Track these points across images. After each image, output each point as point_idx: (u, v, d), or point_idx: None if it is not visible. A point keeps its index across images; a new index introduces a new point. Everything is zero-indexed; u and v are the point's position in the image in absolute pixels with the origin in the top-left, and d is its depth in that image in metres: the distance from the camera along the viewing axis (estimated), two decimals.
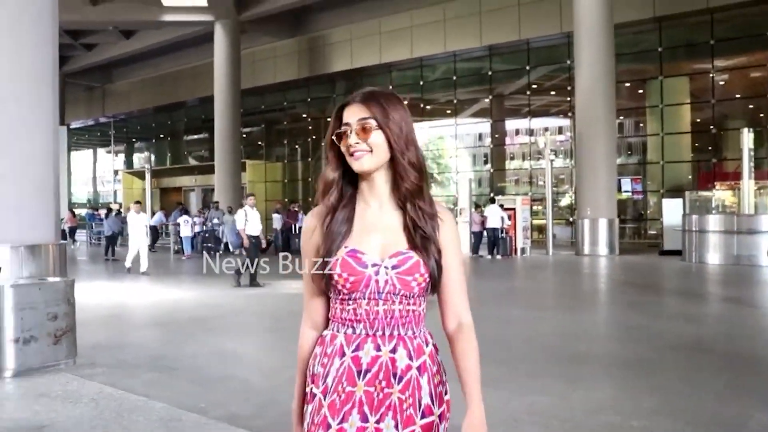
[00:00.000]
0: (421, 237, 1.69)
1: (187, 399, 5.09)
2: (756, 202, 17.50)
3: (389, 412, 1.66)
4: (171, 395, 5.19)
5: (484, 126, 28.88)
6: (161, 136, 41.10)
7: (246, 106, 30.62)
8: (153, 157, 31.49)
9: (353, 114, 1.70)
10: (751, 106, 23.41)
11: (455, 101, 28.49)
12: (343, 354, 1.69)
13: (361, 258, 1.69)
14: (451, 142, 29.71)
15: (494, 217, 18.70)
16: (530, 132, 27.13)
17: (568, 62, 22.92)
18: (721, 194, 19.73)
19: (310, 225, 1.79)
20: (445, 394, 1.75)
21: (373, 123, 1.68)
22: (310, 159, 33.50)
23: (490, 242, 18.96)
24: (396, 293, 1.68)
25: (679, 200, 19.41)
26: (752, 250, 15.79)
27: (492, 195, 22.88)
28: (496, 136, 28.52)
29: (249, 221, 12.39)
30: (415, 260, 1.68)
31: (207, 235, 22.74)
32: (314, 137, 33.31)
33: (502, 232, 18.85)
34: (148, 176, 24.49)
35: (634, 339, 7.56)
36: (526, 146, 27.52)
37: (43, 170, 6.54)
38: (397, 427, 1.65)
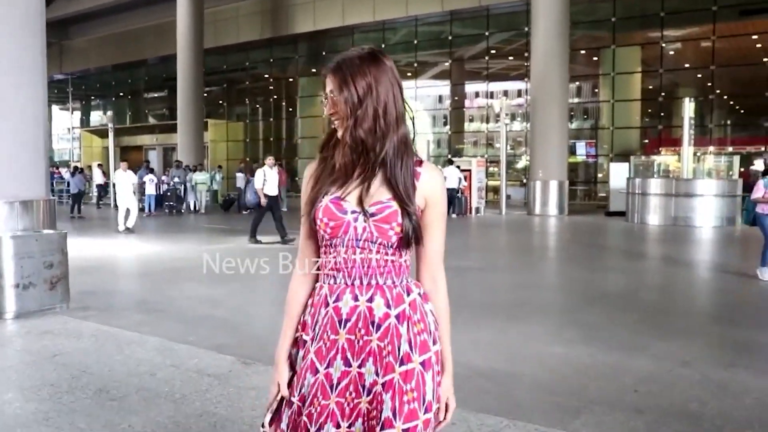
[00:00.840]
0: (404, 188, 1.76)
1: (175, 334, 5.82)
2: (695, 167, 18.68)
3: (369, 357, 1.74)
4: (161, 332, 5.92)
5: (444, 88, 29.61)
6: (121, 94, 40.89)
7: (208, 66, 30.74)
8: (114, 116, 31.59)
9: (327, 85, 1.80)
10: (699, 76, 24.51)
11: (416, 64, 29.10)
12: (327, 304, 1.78)
13: (342, 205, 1.76)
14: (411, 104, 30.22)
15: (452, 177, 19.54)
16: (489, 95, 27.97)
17: (526, 29, 23.63)
18: (662, 159, 20.86)
19: (307, 174, 1.90)
20: (434, 343, 1.79)
21: (336, 96, 1.76)
22: (271, 119, 33.87)
23: (447, 202, 19.79)
24: (373, 241, 1.75)
25: (626, 164, 20.50)
26: (688, 211, 16.98)
27: (449, 156, 23.70)
28: (456, 98, 29.29)
29: (267, 181, 12.67)
30: (393, 209, 1.74)
31: (168, 193, 23.08)
32: (275, 97, 33.67)
33: (458, 192, 19.76)
34: (111, 135, 24.63)
35: (568, 288, 8.55)
36: (484, 109, 28.36)
37: (35, 132, 7.08)
38: (377, 372, 1.73)
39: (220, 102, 36.26)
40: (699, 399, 4.21)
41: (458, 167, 20.23)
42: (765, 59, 21.85)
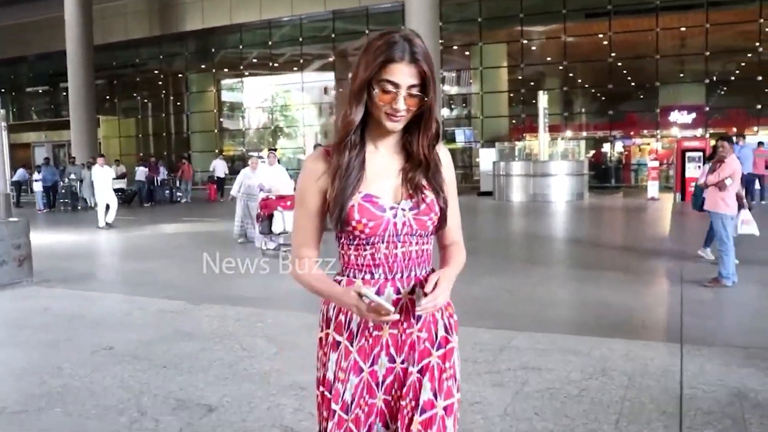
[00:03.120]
0: (434, 176, 1.75)
1: (130, 293, 7.54)
2: (551, 151, 21.58)
3: (411, 351, 1.75)
4: (118, 292, 7.63)
5: (329, 81, 31.54)
6: (2, 90, 40.25)
7: (97, 62, 31.21)
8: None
9: (402, 75, 1.64)
10: (560, 68, 27.55)
11: (301, 60, 30.88)
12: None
13: (377, 202, 1.70)
14: (297, 96, 32.04)
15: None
16: None
17: (402, 27, 25.74)
18: (523, 144, 23.73)
19: (316, 168, 1.75)
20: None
21: (420, 92, 1.65)
22: (163, 114, 34.74)
23: None
24: (413, 234, 1.72)
25: (493, 149, 23.19)
26: (544, 189, 19.81)
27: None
28: (340, 90, 31.25)
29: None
30: (430, 199, 1.73)
31: (63, 191, 23.33)
32: (165, 93, 34.54)
33: None
34: (4, 133, 24.83)
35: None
36: None
37: None
38: (413, 362, 1.74)
39: (111, 98, 36.65)
40: (503, 306, 6.50)
41: None
42: (611, 55, 25.16)
